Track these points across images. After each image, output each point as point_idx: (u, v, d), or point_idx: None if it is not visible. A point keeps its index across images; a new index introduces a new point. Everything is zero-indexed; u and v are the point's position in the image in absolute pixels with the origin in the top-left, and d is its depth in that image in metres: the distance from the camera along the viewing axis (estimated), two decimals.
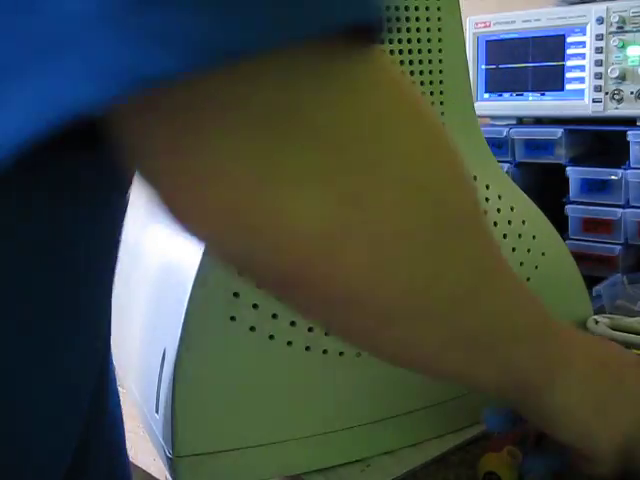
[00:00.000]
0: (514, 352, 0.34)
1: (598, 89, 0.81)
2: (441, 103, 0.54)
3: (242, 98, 0.23)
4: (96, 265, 0.36)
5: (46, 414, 0.33)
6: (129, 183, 0.34)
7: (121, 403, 0.71)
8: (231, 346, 0.47)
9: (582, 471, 0.40)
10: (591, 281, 0.72)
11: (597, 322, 0.58)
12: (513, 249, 0.56)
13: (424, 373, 0.38)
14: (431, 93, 0.54)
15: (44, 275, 0.31)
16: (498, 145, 0.88)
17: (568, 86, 0.84)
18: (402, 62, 0.52)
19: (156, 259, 0.57)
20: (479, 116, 0.59)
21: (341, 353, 0.49)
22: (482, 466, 0.47)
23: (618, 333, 0.55)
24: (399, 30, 0.52)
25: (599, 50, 0.80)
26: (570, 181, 0.82)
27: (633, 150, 0.77)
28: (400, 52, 0.52)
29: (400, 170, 0.26)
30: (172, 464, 0.47)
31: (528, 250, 0.56)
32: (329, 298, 0.28)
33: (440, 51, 0.54)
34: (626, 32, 0.78)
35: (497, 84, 0.91)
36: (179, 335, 0.46)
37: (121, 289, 0.67)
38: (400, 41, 0.52)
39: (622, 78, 0.78)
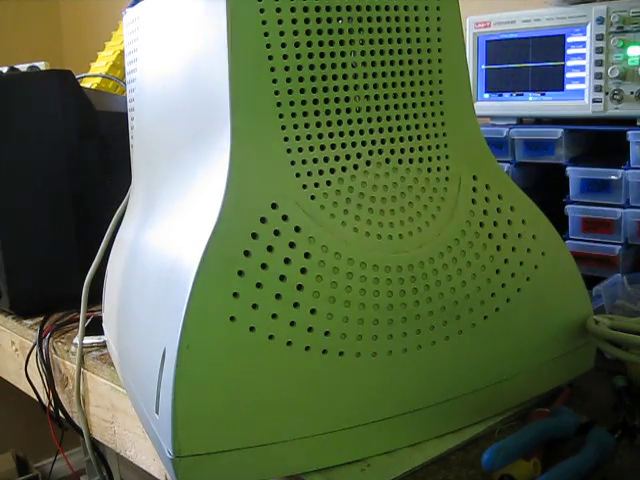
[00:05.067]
0: None
1: (598, 89, 0.81)
2: (441, 103, 0.54)
3: None
4: None
5: None
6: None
7: (121, 403, 0.71)
8: (231, 346, 0.47)
9: None
10: (591, 281, 0.72)
11: (597, 322, 0.58)
12: (513, 249, 0.56)
13: None
14: (431, 93, 0.54)
15: None
16: (498, 145, 0.88)
17: (568, 86, 0.84)
18: (402, 62, 0.52)
19: (156, 259, 0.57)
20: (479, 116, 0.59)
21: (341, 353, 0.49)
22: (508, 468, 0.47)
23: (618, 333, 0.55)
24: (399, 30, 0.52)
25: (599, 50, 0.80)
26: (570, 181, 0.82)
27: (633, 150, 0.77)
28: (400, 52, 0.52)
29: None
30: (172, 464, 0.47)
31: (528, 250, 0.56)
32: None
33: (440, 51, 0.54)
34: (626, 32, 0.78)
35: (497, 84, 0.90)
36: (179, 335, 0.46)
37: (122, 289, 0.67)
38: (400, 41, 0.52)
39: (622, 78, 0.78)
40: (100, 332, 0.78)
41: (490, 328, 0.55)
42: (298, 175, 0.50)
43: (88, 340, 0.78)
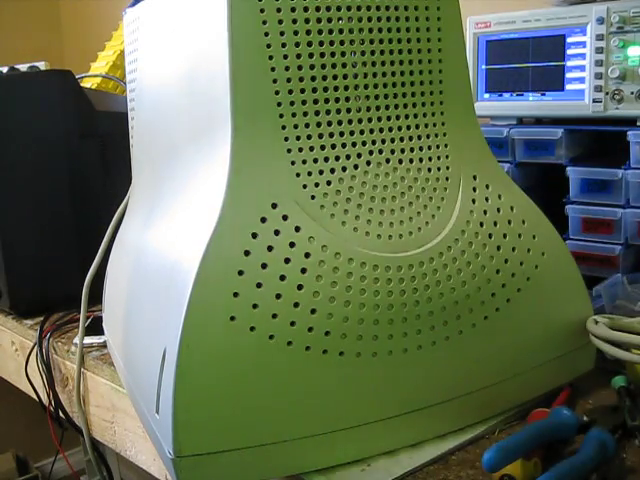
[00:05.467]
0: None
1: (598, 89, 0.81)
2: (441, 103, 0.54)
3: None
4: None
5: None
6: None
7: (121, 403, 0.71)
8: (231, 346, 0.47)
9: None
10: (591, 281, 0.72)
11: (597, 322, 0.58)
12: (513, 249, 0.56)
13: None
14: (431, 93, 0.54)
15: None
16: (498, 145, 0.88)
17: (568, 86, 0.84)
18: (402, 62, 0.52)
19: (156, 259, 0.57)
20: (479, 116, 0.59)
21: (341, 353, 0.49)
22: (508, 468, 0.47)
23: (618, 333, 0.55)
24: (399, 30, 0.52)
25: (599, 50, 0.80)
26: (570, 181, 0.82)
27: (633, 150, 0.77)
28: (400, 52, 0.52)
29: None
30: (173, 464, 0.47)
31: (528, 250, 0.56)
32: None
33: (440, 51, 0.54)
34: (626, 32, 0.77)
35: (497, 84, 0.90)
36: (179, 335, 0.46)
37: (122, 289, 0.67)
38: (400, 41, 0.52)
39: (622, 78, 0.78)
40: (100, 332, 0.78)
41: (490, 328, 0.55)
42: (298, 175, 0.50)
43: (88, 340, 0.78)
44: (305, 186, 0.50)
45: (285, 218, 0.49)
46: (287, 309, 0.48)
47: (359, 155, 0.51)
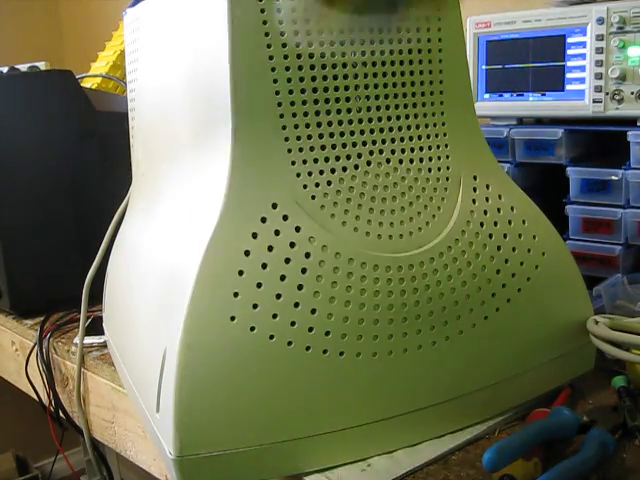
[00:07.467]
0: None
1: (598, 89, 0.81)
2: (441, 103, 0.54)
3: None
4: None
5: None
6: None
7: (121, 403, 0.71)
8: (232, 346, 0.47)
9: None
10: (591, 281, 0.72)
11: (597, 322, 0.58)
12: (513, 249, 0.56)
13: None
14: (431, 93, 0.54)
15: None
16: (498, 145, 0.88)
17: (568, 86, 0.84)
18: (402, 62, 0.52)
19: (157, 259, 0.57)
20: (479, 116, 0.59)
21: (341, 353, 0.49)
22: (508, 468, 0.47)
23: (618, 333, 0.55)
24: (399, 30, 0.52)
25: (599, 50, 0.80)
26: (570, 181, 0.82)
27: (633, 150, 0.77)
28: (400, 52, 0.52)
29: None
30: (173, 464, 0.47)
31: (528, 250, 0.56)
32: None
33: (440, 51, 0.54)
34: (626, 32, 0.78)
35: (497, 84, 0.90)
36: (180, 335, 0.46)
37: (123, 288, 0.67)
38: (400, 41, 0.52)
39: (622, 78, 0.78)
40: (100, 332, 0.78)
41: (490, 328, 0.55)
42: (299, 175, 0.50)
43: (88, 340, 0.78)
44: (305, 186, 0.50)
45: (285, 218, 0.49)
46: (287, 309, 0.48)
47: (359, 155, 0.51)
